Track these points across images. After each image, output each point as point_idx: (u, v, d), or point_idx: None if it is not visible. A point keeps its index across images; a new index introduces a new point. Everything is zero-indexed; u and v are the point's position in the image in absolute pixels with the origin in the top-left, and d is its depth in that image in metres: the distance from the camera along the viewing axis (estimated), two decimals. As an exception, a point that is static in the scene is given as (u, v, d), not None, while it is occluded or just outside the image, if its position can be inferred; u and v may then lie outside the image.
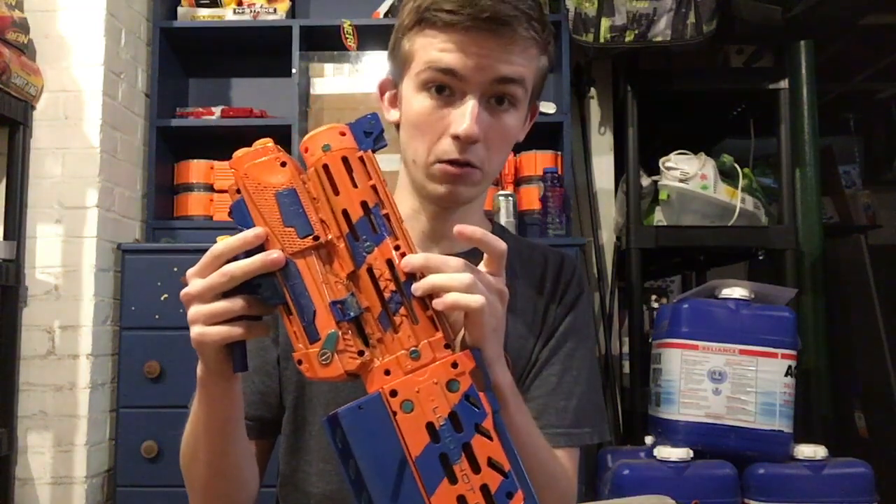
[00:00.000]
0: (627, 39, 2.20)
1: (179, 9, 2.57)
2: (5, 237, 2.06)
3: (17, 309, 2.07)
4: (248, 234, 0.63)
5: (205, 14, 2.55)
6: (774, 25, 2.15)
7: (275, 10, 2.55)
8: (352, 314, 0.61)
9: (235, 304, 0.64)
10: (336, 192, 0.62)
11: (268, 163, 0.63)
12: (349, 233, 0.62)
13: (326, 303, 0.61)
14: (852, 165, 3.71)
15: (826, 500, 1.72)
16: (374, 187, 0.62)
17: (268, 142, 0.64)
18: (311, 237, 0.62)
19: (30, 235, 2.12)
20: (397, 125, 0.90)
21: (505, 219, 2.25)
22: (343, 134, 0.63)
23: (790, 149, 2.38)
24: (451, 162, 0.83)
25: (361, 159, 0.63)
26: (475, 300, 0.61)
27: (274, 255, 0.62)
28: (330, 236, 0.62)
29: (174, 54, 2.61)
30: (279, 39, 2.50)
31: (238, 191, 0.63)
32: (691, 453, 1.75)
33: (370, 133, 0.64)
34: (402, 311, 0.61)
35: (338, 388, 0.89)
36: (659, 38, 2.19)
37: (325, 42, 2.57)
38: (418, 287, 0.61)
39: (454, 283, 0.61)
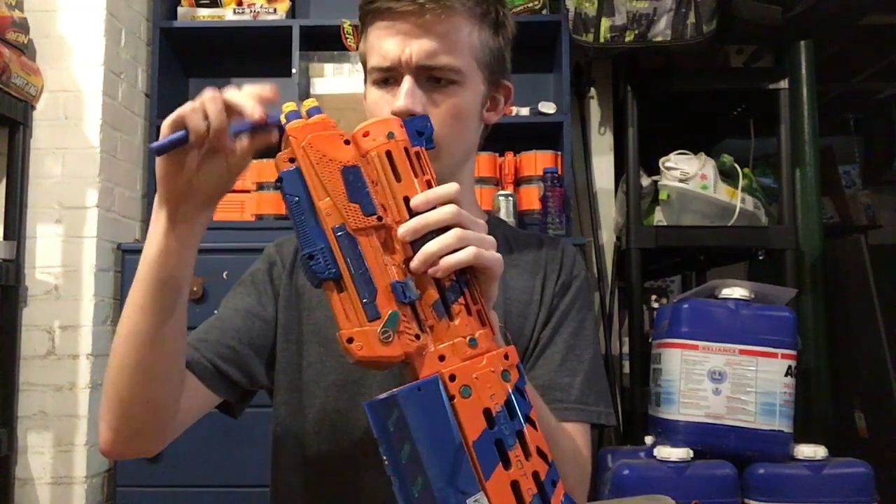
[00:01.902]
0: (627, 39, 2.20)
1: (179, 9, 2.57)
2: (5, 237, 2.06)
3: (17, 309, 2.07)
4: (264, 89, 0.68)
5: (205, 14, 2.55)
6: (774, 25, 2.15)
7: (275, 10, 2.55)
8: (412, 297, 0.61)
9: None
10: (398, 179, 0.63)
11: (333, 137, 0.63)
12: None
13: (387, 283, 0.61)
14: (852, 165, 3.71)
15: (826, 500, 1.72)
16: (428, 182, 0.64)
17: (326, 117, 0.64)
18: (374, 216, 0.62)
19: (30, 235, 2.12)
20: None
21: (505, 219, 2.25)
22: (402, 127, 0.65)
23: (790, 149, 2.38)
24: None
25: (417, 154, 0.65)
26: (467, 254, 0.62)
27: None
28: (389, 220, 0.63)
29: (174, 54, 2.61)
30: (279, 39, 2.50)
31: (292, 160, 0.62)
32: (691, 453, 1.75)
33: (422, 133, 0.65)
34: (461, 300, 0.62)
35: (343, 375, 0.90)
36: (659, 38, 2.18)
37: (325, 42, 2.57)
38: (416, 263, 0.61)
39: (444, 246, 0.62)
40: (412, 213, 0.62)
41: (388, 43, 0.86)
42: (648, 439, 1.95)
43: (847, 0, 2.12)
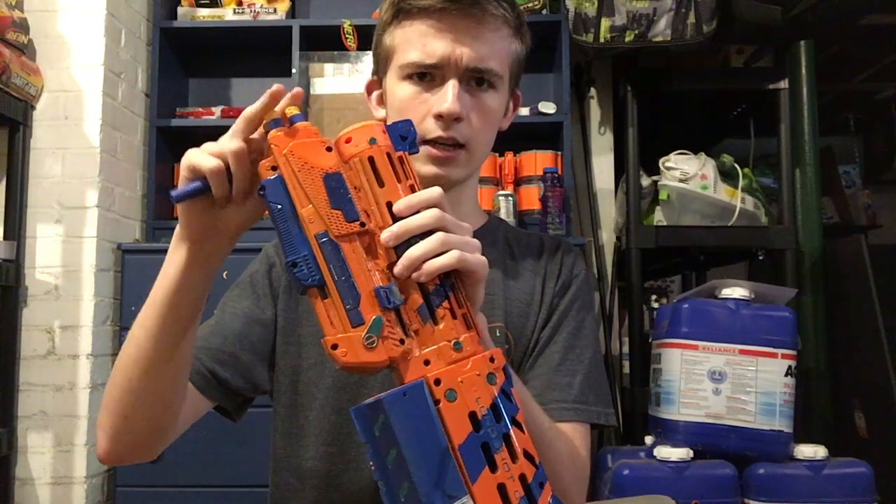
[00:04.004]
0: (627, 39, 2.20)
1: (179, 9, 2.57)
2: (5, 237, 2.06)
3: (17, 309, 2.07)
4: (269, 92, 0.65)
5: (205, 14, 2.55)
6: (774, 25, 2.15)
7: (275, 10, 2.56)
8: (396, 302, 0.61)
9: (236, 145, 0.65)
10: (381, 185, 0.63)
11: (314, 144, 0.63)
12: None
13: (370, 289, 0.61)
14: (852, 165, 3.71)
15: (826, 500, 1.72)
16: (412, 186, 0.64)
17: (309, 124, 0.64)
18: (357, 222, 0.62)
19: (30, 235, 2.12)
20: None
21: (505, 219, 2.24)
22: (384, 132, 0.65)
23: (790, 149, 2.38)
24: (436, 142, 0.87)
25: (400, 159, 0.64)
26: (451, 258, 0.62)
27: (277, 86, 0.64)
28: (372, 226, 0.62)
29: (174, 54, 2.61)
30: (279, 39, 2.50)
31: (274, 168, 0.62)
32: (691, 453, 1.75)
33: (405, 138, 0.65)
34: (445, 304, 0.62)
35: (343, 376, 0.90)
36: (659, 38, 2.18)
37: (325, 42, 2.57)
38: (399, 268, 0.61)
39: (428, 251, 0.61)
40: (395, 219, 0.62)
41: (437, 42, 0.86)
42: (648, 439, 1.95)
43: (847, 0, 2.12)
